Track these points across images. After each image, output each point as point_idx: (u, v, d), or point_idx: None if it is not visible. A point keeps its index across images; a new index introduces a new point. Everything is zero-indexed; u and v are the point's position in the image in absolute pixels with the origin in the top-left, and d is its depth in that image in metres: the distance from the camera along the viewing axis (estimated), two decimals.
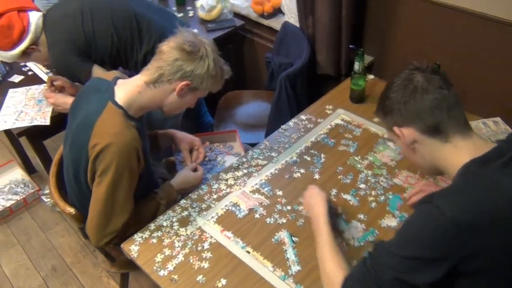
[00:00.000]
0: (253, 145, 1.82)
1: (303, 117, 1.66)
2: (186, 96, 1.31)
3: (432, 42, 1.69)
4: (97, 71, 1.69)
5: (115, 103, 1.24)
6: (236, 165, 1.49)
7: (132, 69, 1.78)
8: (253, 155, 1.53)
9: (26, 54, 1.70)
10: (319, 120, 1.64)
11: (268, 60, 2.15)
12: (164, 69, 1.24)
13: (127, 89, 1.28)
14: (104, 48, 1.70)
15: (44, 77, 1.99)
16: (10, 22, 1.60)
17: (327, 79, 2.02)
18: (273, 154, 1.52)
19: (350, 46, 1.89)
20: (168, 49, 1.24)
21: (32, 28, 1.64)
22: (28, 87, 1.93)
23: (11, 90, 1.92)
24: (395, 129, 0.98)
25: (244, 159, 1.51)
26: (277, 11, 2.27)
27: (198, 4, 2.32)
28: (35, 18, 1.66)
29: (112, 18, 1.69)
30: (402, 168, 1.42)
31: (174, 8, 2.47)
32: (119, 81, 1.31)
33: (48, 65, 2.01)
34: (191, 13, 2.41)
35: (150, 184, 1.42)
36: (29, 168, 2.58)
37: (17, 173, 2.54)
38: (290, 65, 1.99)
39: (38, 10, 1.71)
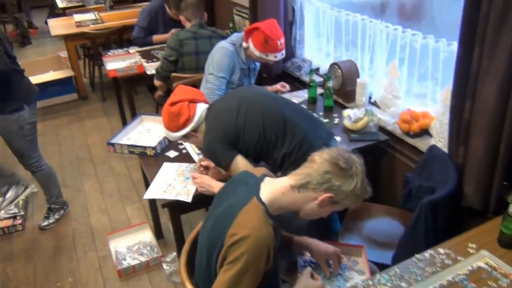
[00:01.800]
0: (378, 264, 1.72)
1: (441, 250, 1.54)
2: (325, 207, 1.34)
3: None
4: (241, 161, 1.82)
5: (259, 199, 1.31)
6: (362, 287, 1.42)
7: (271, 165, 1.89)
8: (381, 280, 1.44)
9: (185, 137, 1.90)
10: (459, 258, 1.50)
11: (408, 179, 2.09)
12: (312, 177, 1.29)
13: (272, 188, 1.35)
14: (250, 142, 1.84)
15: (195, 158, 2.19)
16: (180, 111, 1.84)
17: (471, 212, 1.87)
18: (402, 284, 1.42)
19: (504, 182, 1.76)
20: (320, 160, 1.29)
21: (196, 118, 1.86)
22: (180, 164, 2.15)
23: (165, 164, 2.15)
24: None
25: (370, 282, 1.43)
26: (424, 132, 2.24)
27: (345, 113, 2.41)
28: (201, 109, 1.88)
29: (264, 118, 1.84)
30: None
31: (321, 113, 2.59)
32: (266, 179, 1.39)
33: (200, 147, 2.22)
34: (336, 120, 2.50)
35: (273, 284, 1.42)
36: (157, 233, 2.78)
37: (147, 236, 2.75)
38: (431, 190, 1.90)
39: (206, 102, 1.94)
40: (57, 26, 4.76)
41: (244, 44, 2.55)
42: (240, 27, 3.92)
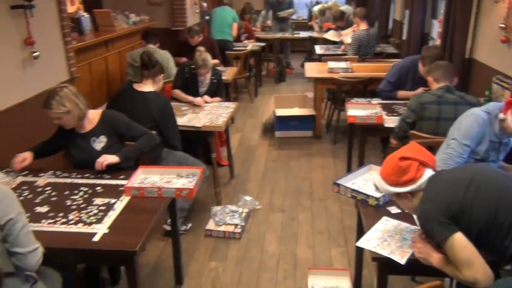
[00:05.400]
0: None
1: None
2: None
3: None
4: (461, 240, 1.64)
5: None
6: None
7: (495, 253, 1.69)
8: None
9: (398, 196, 1.83)
10: None
11: None
12: None
13: None
14: (475, 222, 1.65)
15: (417, 221, 2.07)
16: (407, 168, 1.77)
17: None
18: None
19: None
20: None
21: (419, 182, 1.76)
22: (400, 222, 2.07)
23: (385, 218, 2.10)
24: None
25: None
26: None
27: None
28: (427, 175, 1.78)
29: (498, 200, 1.65)
30: None
31: None
32: None
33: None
34: None
35: None
36: (356, 284, 2.71)
37: (345, 283, 2.69)
38: None
39: (435, 169, 1.82)
40: (312, 69, 5.26)
41: (501, 115, 2.32)
42: (497, 96, 3.59)
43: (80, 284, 2.66)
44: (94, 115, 2.67)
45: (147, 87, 3.21)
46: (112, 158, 2.54)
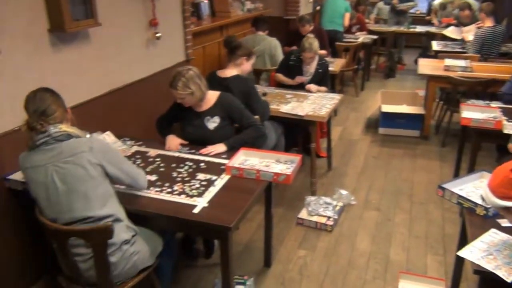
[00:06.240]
0: None
1: None
2: None
3: None
4: None
5: None
6: None
7: None
8: None
9: (507, 210, 1.64)
10: None
11: None
12: None
13: None
14: None
15: None
16: None
17: None
18: None
19: None
20: None
21: None
22: (510, 237, 1.89)
23: (493, 230, 1.93)
24: None
25: None
26: None
27: None
28: None
29: None
30: None
31: None
32: None
33: None
34: None
35: None
36: None
37: None
38: None
39: None
40: (426, 66, 4.97)
41: None
42: None
43: (176, 252, 2.85)
44: (211, 96, 2.81)
45: (230, 71, 3.30)
46: (220, 149, 2.70)
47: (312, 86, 4.03)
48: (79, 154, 1.87)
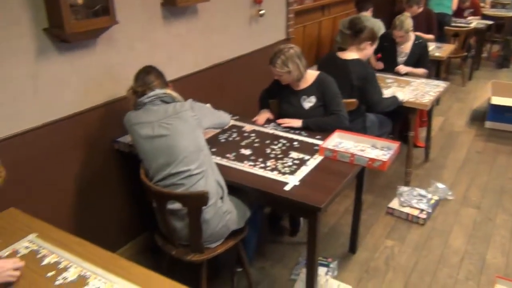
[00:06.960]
0: None
1: None
2: None
3: None
4: None
5: None
6: None
7: None
8: None
9: None
10: None
11: None
12: None
13: None
14: None
15: None
16: None
17: None
18: None
19: None
20: None
21: None
22: None
23: None
24: None
25: None
26: None
27: None
28: None
29: None
30: None
31: None
32: None
33: None
34: None
35: None
36: None
37: None
38: None
39: None
40: None
41: None
42: None
43: (262, 225, 2.93)
44: (310, 76, 2.79)
45: (351, 54, 3.18)
46: (296, 124, 2.71)
47: (402, 67, 3.83)
48: (183, 112, 2.07)
